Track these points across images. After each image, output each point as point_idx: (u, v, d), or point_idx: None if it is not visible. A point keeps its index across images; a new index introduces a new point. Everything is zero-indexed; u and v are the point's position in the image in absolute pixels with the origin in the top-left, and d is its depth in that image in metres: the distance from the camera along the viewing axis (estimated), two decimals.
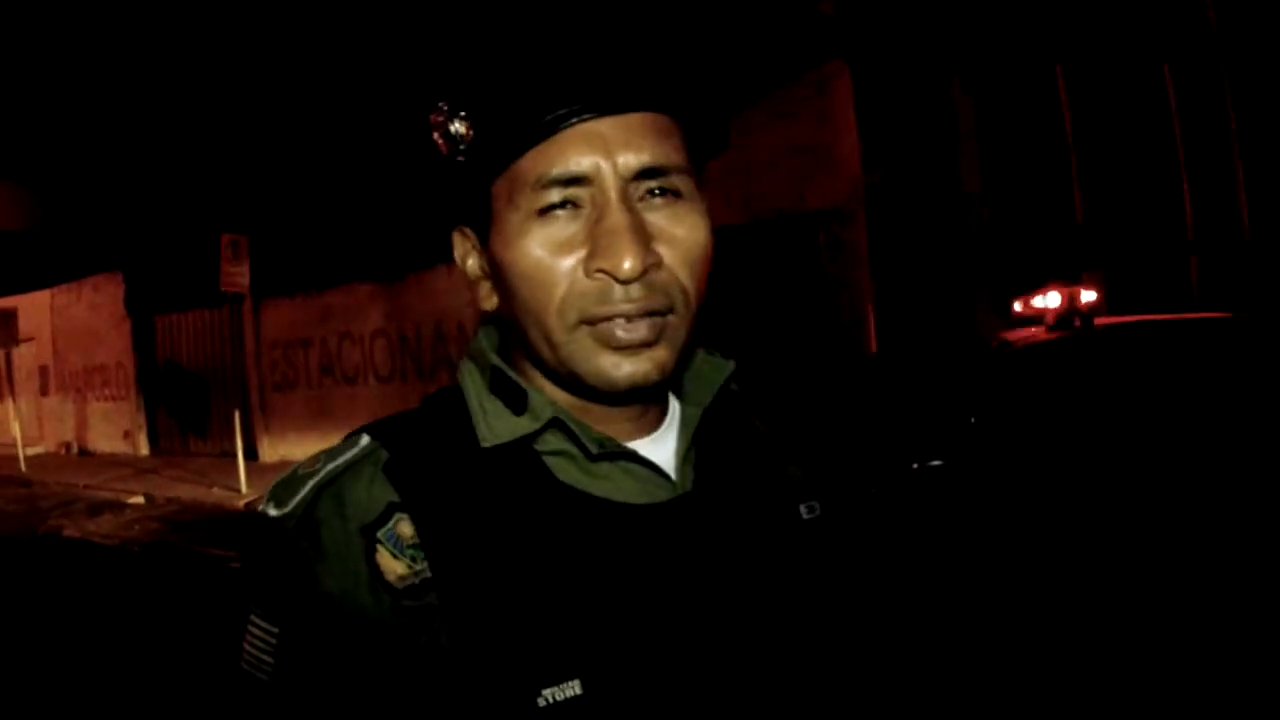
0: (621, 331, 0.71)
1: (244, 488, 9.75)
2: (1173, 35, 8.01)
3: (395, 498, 0.71)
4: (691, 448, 0.80)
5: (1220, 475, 4.26)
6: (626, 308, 0.71)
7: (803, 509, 0.85)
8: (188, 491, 10.44)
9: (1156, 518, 4.20)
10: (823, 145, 8.14)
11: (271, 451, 12.09)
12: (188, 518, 9.31)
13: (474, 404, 0.77)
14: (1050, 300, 4.95)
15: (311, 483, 0.73)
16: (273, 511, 0.73)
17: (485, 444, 0.74)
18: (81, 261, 14.94)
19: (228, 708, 0.73)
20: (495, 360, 0.78)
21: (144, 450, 14.26)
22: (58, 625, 5.71)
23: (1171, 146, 8.18)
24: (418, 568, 0.69)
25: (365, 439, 0.75)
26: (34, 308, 15.67)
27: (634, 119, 0.71)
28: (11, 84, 11.89)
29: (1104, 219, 8.17)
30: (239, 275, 9.40)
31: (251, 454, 11.40)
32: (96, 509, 10.35)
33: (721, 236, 0.73)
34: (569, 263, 0.71)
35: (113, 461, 13.81)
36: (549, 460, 0.75)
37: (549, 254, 0.72)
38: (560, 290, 0.72)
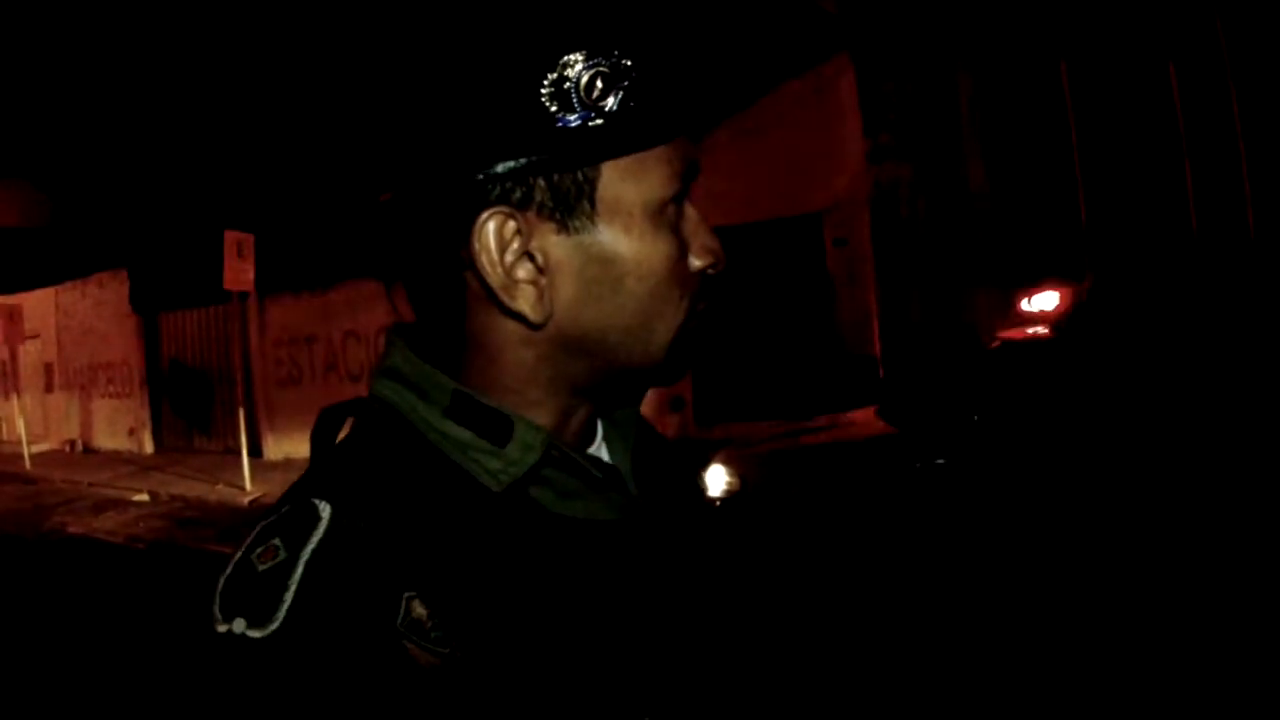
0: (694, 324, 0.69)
1: (248, 485, 9.77)
2: (1177, 33, 8.00)
3: (391, 574, 0.59)
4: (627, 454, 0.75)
5: (1222, 474, 4.25)
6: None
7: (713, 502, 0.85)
8: (192, 489, 10.45)
9: (1158, 517, 4.19)
10: (826, 143, 8.14)
11: (276, 449, 12.11)
12: (192, 515, 9.33)
13: (440, 438, 0.65)
14: (1054, 299, 4.95)
15: (292, 584, 0.58)
16: (254, 633, 0.57)
17: (497, 488, 0.64)
18: (86, 258, 14.99)
19: None
20: (453, 384, 0.66)
21: (148, 447, 14.27)
22: (62, 622, 5.72)
23: (1176, 146, 8.17)
24: (443, 651, 0.59)
25: (325, 509, 0.60)
26: (39, 305, 15.70)
27: None
28: (20, 83, 11.93)
29: (1108, 218, 8.16)
30: (243, 273, 9.40)
31: (256, 451, 11.42)
32: (101, 506, 10.37)
33: (725, 236, 0.72)
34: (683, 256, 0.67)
35: (117, 459, 13.83)
36: (532, 490, 0.67)
37: (678, 249, 0.66)
38: (686, 286, 0.67)
